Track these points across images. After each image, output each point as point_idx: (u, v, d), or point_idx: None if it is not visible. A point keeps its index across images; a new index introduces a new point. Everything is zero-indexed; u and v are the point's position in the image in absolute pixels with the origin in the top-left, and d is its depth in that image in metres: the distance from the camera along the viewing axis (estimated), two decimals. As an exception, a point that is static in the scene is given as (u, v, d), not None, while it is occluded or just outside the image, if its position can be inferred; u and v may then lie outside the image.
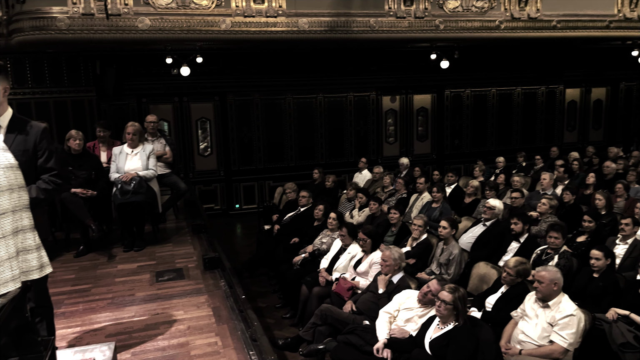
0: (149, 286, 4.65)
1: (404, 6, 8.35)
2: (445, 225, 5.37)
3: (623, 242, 5.16)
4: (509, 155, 10.26)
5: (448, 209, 6.84)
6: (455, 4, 8.68)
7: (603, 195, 6.30)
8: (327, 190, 8.34)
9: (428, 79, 10.95)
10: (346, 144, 10.80)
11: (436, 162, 11.31)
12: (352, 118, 10.77)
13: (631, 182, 7.39)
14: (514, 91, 11.72)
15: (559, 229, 4.98)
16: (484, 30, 8.87)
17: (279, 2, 7.61)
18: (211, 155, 10.28)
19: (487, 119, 11.65)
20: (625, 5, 9.68)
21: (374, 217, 6.80)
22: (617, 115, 12.62)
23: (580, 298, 4.28)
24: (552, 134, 12.14)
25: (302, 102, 10.44)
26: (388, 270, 4.55)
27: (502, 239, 5.63)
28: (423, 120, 11.44)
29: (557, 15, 9.21)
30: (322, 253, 5.82)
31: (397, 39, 8.52)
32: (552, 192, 7.37)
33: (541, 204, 6.20)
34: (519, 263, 4.25)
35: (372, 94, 10.87)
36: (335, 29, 7.89)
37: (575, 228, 5.85)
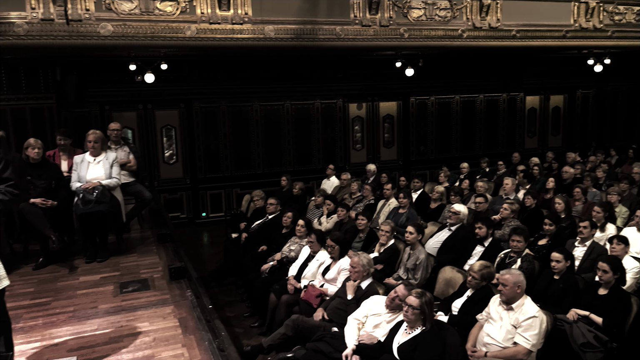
0: (113, 298, 4.53)
1: (369, 15, 8.46)
2: (412, 230, 5.43)
3: (582, 245, 5.33)
4: (472, 161, 10.49)
5: (414, 214, 6.93)
6: (419, 13, 8.85)
7: (562, 200, 6.50)
8: (295, 198, 8.33)
9: (394, 87, 11.11)
10: (314, 150, 10.83)
11: (402, 169, 11.46)
12: (320, 125, 10.82)
13: (588, 187, 7.65)
14: (476, 98, 12.01)
15: (521, 233, 5.12)
16: (447, 39, 9.07)
17: (244, 9, 7.59)
18: (177, 163, 10.13)
19: (451, 125, 11.89)
20: (581, 16, 10.06)
21: (342, 223, 6.83)
22: (575, 122, 13.08)
23: (542, 300, 4.40)
24: (513, 140, 12.47)
25: (269, 109, 10.42)
26: (357, 277, 4.57)
27: (467, 243, 5.75)
28: (389, 127, 11.58)
29: (517, 25, 9.49)
30: (291, 260, 5.80)
31: (363, 47, 8.62)
32: (514, 196, 7.57)
33: (504, 209, 6.35)
34: (484, 267, 4.34)
35: (339, 101, 10.94)
36: (301, 36, 7.92)
37: (536, 231, 6.02)
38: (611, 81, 12.78)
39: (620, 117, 13.32)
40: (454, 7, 9.04)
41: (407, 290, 3.90)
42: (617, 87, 13.06)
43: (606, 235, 5.62)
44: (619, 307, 4.12)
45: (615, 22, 10.42)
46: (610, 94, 13.12)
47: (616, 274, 4.23)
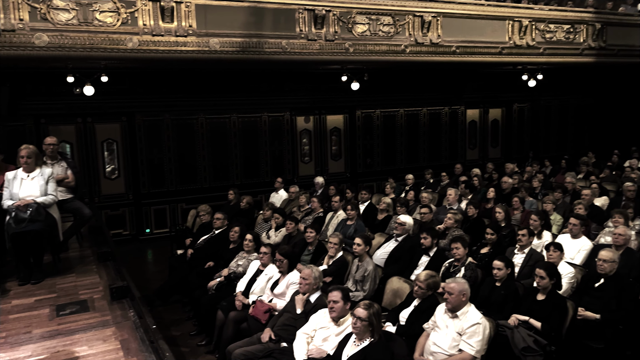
0: (49, 321, 4.28)
1: (315, 29, 8.56)
2: (360, 242, 5.48)
3: (521, 252, 5.55)
4: (417, 173, 10.75)
5: (362, 226, 7.00)
6: (363, 28, 9.03)
7: (502, 209, 6.77)
8: (242, 212, 8.23)
9: (340, 100, 11.25)
10: (261, 164, 10.76)
11: (350, 181, 11.58)
12: (267, 138, 10.77)
13: (525, 196, 8.00)
14: (420, 112, 12.35)
15: (459, 240, 5.29)
16: (391, 53, 9.30)
17: (189, 21, 7.50)
18: (119, 178, 9.79)
19: (396, 138, 12.15)
20: (515, 34, 10.60)
21: (291, 236, 6.80)
22: (512, 134, 13.69)
23: (485, 306, 4.53)
24: (455, 151, 12.89)
25: (216, 122, 10.28)
26: (307, 289, 4.54)
27: (413, 253, 5.86)
28: (337, 140, 11.69)
29: (457, 41, 9.88)
30: (239, 276, 5.70)
31: (309, 60, 8.70)
32: (457, 206, 7.79)
33: (448, 219, 6.53)
34: (429, 276, 4.43)
35: (286, 114, 10.95)
36: (247, 49, 7.90)
37: (479, 240, 6.22)
38: (544, 95, 13.49)
39: (553, 129, 14.06)
40: (396, 23, 9.30)
41: (341, 293, 3.93)
42: (549, 101, 13.80)
43: (543, 242, 5.88)
44: (556, 311, 4.31)
45: (547, 40, 11.04)
46: (544, 108, 13.84)
47: (552, 280, 4.43)
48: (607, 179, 9.90)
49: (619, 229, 5.46)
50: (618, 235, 5.38)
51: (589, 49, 11.55)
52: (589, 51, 11.57)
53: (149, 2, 7.29)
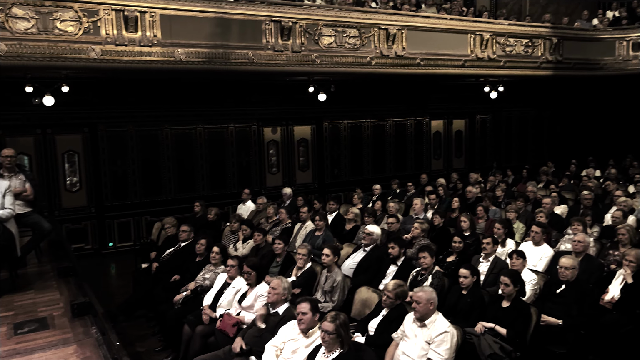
0: (6, 340, 4.10)
1: (282, 40, 8.60)
2: (328, 252, 5.48)
3: (485, 260, 5.66)
4: (384, 183, 10.86)
5: (330, 236, 7.00)
6: (329, 40, 9.13)
7: (467, 218, 6.89)
8: (209, 223, 8.11)
9: (307, 111, 11.29)
10: (228, 175, 10.66)
11: (318, 191, 11.59)
12: (234, 149, 10.69)
13: (489, 205, 8.18)
14: (386, 123, 12.50)
15: (426, 249, 5.36)
16: (357, 65, 9.43)
17: (153, 31, 7.42)
18: (80, 191, 9.52)
19: (363, 149, 12.26)
20: (477, 47, 10.91)
21: (259, 248, 6.74)
22: (475, 144, 14.00)
23: (452, 314, 4.59)
24: (421, 162, 13.09)
25: (181, 133, 10.14)
26: (276, 299, 4.50)
27: (381, 263, 5.89)
28: (304, 151, 11.71)
29: (421, 53, 10.09)
30: (205, 289, 5.61)
31: (276, 71, 8.73)
32: (423, 216, 7.90)
33: (414, 228, 6.60)
34: (398, 285, 4.46)
35: (253, 125, 10.91)
36: (213, 60, 7.87)
37: (445, 249, 6.31)
38: (505, 107, 13.88)
39: (514, 139, 14.47)
40: (362, 35, 9.44)
41: (310, 304, 3.93)
42: (510, 112, 14.20)
43: (507, 250, 6.01)
44: (520, 318, 4.40)
45: (507, 53, 11.41)
46: (505, 119, 14.23)
47: (517, 287, 4.53)
48: (565, 187, 10.23)
49: (578, 236, 5.64)
50: (577, 242, 5.56)
51: (546, 62, 12.00)
52: (546, 64, 12.02)
53: (112, 12, 7.19)
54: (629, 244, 5.72)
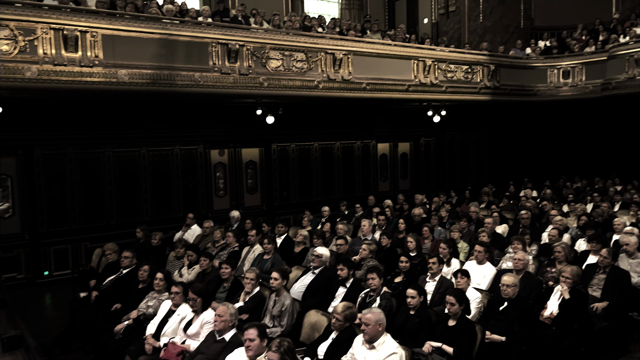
0: None
1: (229, 63, 8.57)
2: (277, 276, 5.41)
3: (432, 280, 5.75)
4: (333, 205, 10.91)
5: (279, 259, 6.93)
6: (277, 64, 9.19)
7: (413, 238, 7.01)
8: (153, 249, 7.85)
9: (255, 133, 11.24)
10: (174, 198, 10.37)
11: (266, 214, 11.48)
12: (180, 172, 10.44)
13: (434, 225, 8.38)
14: (334, 145, 12.63)
15: (374, 270, 5.39)
16: (305, 89, 9.52)
17: (95, 51, 7.21)
18: (13, 217, 8.98)
19: (312, 171, 12.30)
20: (420, 72, 11.30)
21: (205, 273, 6.56)
22: (420, 167, 14.37)
23: (400, 335, 4.62)
24: (368, 183, 13.28)
25: (124, 155, 9.81)
26: (223, 327, 4.38)
27: (330, 285, 5.87)
28: (252, 173, 11.61)
29: (367, 78, 10.33)
30: (149, 318, 5.38)
31: (223, 94, 8.67)
32: (371, 237, 7.98)
33: (362, 249, 6.65)
34: (347, 308, 4.44)
35: (199, 147, 10.72)
36: (158, 81, 7.73)
37: (393, 269, 6.37)
38: (448, 130, 14.37)
39: (457, 162, 14.96)
40: (309, 59, 9.57)
41: (257, 330, 3.86)
42: (452, 135, 14.71)
43: (452, 269, 6.15)
44: (466, 336, 4.49)
45: (448, 79, 11.88)
46: (448, 142, 14.72)
47: (462, 306, 4.62)
48: (505, 208, 10.64)
49: (518, 255, 5.86)
50: (518, 260, 5.76)
51: (485, 88, 12.59)
52: (485, 90, 12.61)
53: (50, 31, 6.95)
54: (565, 261, 5.99)
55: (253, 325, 3.99)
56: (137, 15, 7.99)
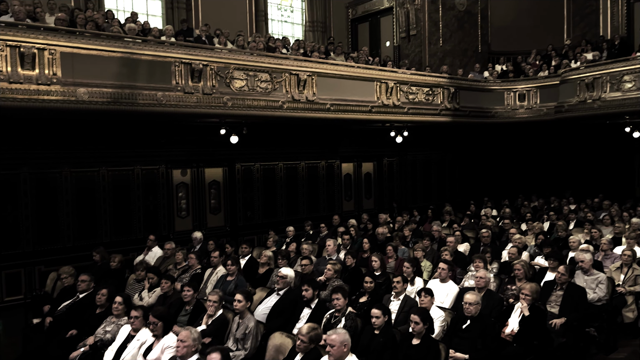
0: None
1: (192, 82, 8.52)
2: (240, 298, 5.32)
3: (396, 299, 5.78)
4: (297, 225, 10.87)
5: (243, 281, 6.83)
6: (241, 84, 9.20)
7: (377, 257, 7.05)
8: (112, 272, 7.61)
9: (219, 153, 11.14)
10: (134, 220, 10.10)
11: (230, 235, 11.33)
12: (140, 192, 10.19)
13: (398, 244, 8.45)
14: (298, 165, 12.65)
15: (339, 290, 5.38)
16: (269, 109, 9.54)
17: (53, 69, 7.05)
18: (-38, 240, 8.56)
19: (277, 191, 12.25)
20: (382, 94, 11.51)
21: (166, 296, 6.40)
22: (383, 186, 14.53)
23: (365, 355, 4.61)
24: (333, 203, 13.31)
25: (83, 176, 9.52)
26: (186, 352, 4.25)
27: (295, 306, 5.82)
28: (215, 193, 11.47)
29: (331, 99, 10.46)
30: (106, 344, 5.19)
31: (186, 113, 8.59)
32: (336, 257, 7.97)
33: (327, 269, 6.64)
34: (311, 329, 4.41)
35: (161, 167, 10.53)
36: (119, 100, 7.60)
37: (358, 289, 6.38)
38: (410, 151, 14.63)
39: (419, 181, 15.21)
40: (274, 80, 9.62)
41: (220, 354, 3.81)
42: (415, 155, 14.97)
43: (416, 288, 6.19)
44: (430, 355, 4.51)
45: (410, 100, 12.15)
46: (410, 162, 14.96)
47: (426, 324, 4.65)
48: (467, 226, 10.86)
49: (480, 273, 5.97)
50: (479, 278, 5.87)
51: (445, 109, 12.93)
52: (445, 111, 12.95)
53: (6, 48, 6.76)
54: (524, 279, 6.15)
55: (216, 349, 3.91)
56: (97, 34, 7.88)
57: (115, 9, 11.74)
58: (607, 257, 7.43)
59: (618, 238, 8.59)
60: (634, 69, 11.14)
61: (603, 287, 6.21)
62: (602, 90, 11.59)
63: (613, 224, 9.52)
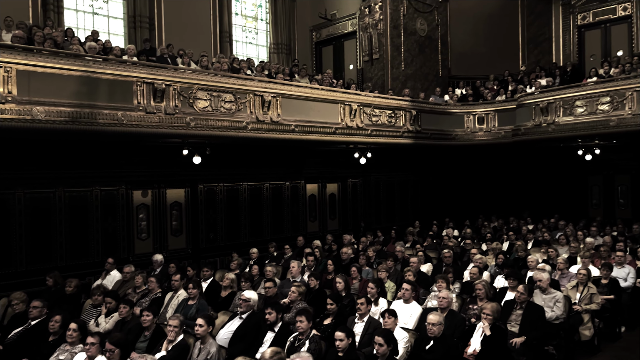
0: None
1: (154, 102, 8.41)
2: (202, 322, 5.21)
3: (360, 321, 5.77)
4: (261, 246, 10.76)
5: (204, 305, 6.68)
6: (205, 104, 9.13)
7: (342, 279, 7.04)
8: (67, 297, 7.31)
9: (181, 174, 10.96)
10: (92, 242, 9.77)
11: (192, 257, 11.11)
12: (99, 214, 9.89)
13: (362, 265, 8.46)
14: (262, 186, 12.58)
15: (303, 313, 5.33)
16: (233, 129, 9.50)
17: (8, 87, 6.84)
18: None
19: (240, 212, 12.12)
20: (346, 116, 11.65)
21: (125, 322, 6.18)
22: (347, 207, 14.60)
23: (330, 379, 4.55)
24: (297, 224, 13.27)
25: (37, 197, 9.17)
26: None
27: (258, 330, 5.73)
28: (177, 215, 11.24)
29: (295, 120, 10.50)
30: (59, 373, 4.96)
31: (148, 133, 8.45)
32: (300, 279, 7.91)
33: (292, 292, 6.57)
34: (275, 353, 4.32)
35: (121, 188, 10.26)
36: (77, 120, 7.42)
37: (322, 311, 6.32)
38: (374, 172, 14.79)
39: (383, 202, 15.36)
40: (238, 100, 9.60)
41: None
42: (378, 177, 15.15)
43: (380, 309, 6.20)
44: (394, 376, 4.50)
45: (373, 123, 12.34)
46: (374, 183, 15.12)
47: (390, 346, 4.65)
48: (429, 247, 11.00)
49: (442, 293, 6.03)
50: (442, 299, 5.93)
51: (407, 132, 13.18)
52: (407, 134, 13.20)
53: (-42, 65, 6.52)
54: (486, 298, 6.24)
55: None
56: (56, 52, 7.69)
57: (75, 27, 11.53)
58: (564, 276, 7.65)
59: (573, 257, 8.88)
60: (585, 94, 11.69)
61: (560, 306, 6.37)
62: (556, 114, 12.09)
63: (569, 244, 9.84)
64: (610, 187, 14.76)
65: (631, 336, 7.46)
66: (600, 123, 11.31)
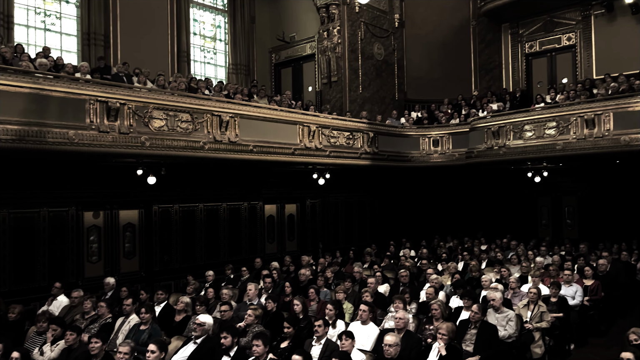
0: None
1: (108, 121, 8.21)
2: (154, 348, 5.03)
3: (318, 343, 5.71)
4: (218, 268, 10.55)
5: (157, 330, 6.46)
6: (161, 123, 8.98)
7: (299, 301, 6.98)
8: (10, 324, 6.92)
9: (135, 194, 10.68)
10: (38, 266, 9.32)
11: (145, 280, 10.76)
12: (47, 236, 9.47)
13: (321, 287, 8.42)
14: (220, 207, 12.40)
15: (259, 337, 5.25)
16: (190, 149, 9.36)
17: (-50, 103, 6.50)
18: None
19: (196, 233, 11.89)
20: (305, 137, 11.70)
21: (71, 349, 5.90)
22: (306, 228, 14.57)
23: (287, 405, 4.46)
24: (255, 245, 13.12)
25: (-21, 218, 8.73)
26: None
27: (212, 355, 5.58)
28: (130, 237, 10.90)
29: (253, 140, 10.46)
30: (-3, 407, 4.65)
31: (100, 153, 8.22)
32: (257, 301, 7.79)
33: (248, 315, 6.46)
34: (229, 379, 4.22)
35: (71, 209, 9.88)
36: (24, 138, 7.14)
37: (280, 334, 6.23)
38: (332, 193, 14.87)
39: (341, 223, 15.43)
40: (195, 120, 9.49)
41: None
42: (337, 197, 15.23)
43: (337, 331, 6.17)
44: (351, 400, 4.46)
45: (332, 144, 12.44)
46: (332, 204, 15.18)
47: (347, 368, 4.62)
48: (387, 267, 11.08)
49: (399, 314, 6.06)
50: (399, 319, 5.95)
51: (365, 153, 13.35)
52: (365, 155, 13.37)
53: None
54: (441, 318, 6.31)
55: None
56: (4, 68, 7.42)
57: (26, 44, 11.17)
58: (516, 295, 7.85)
59: (525, 276, 9.13)
60: (533, 119, 12.19)
61: (512, 324, 6.51)
62: (507, 137, 12.54)
63: (520, 263, 10.13)
64: (558, 208, 15.38)
65: (580, 353, 7.70)
66: (547, 147, 11.80)
